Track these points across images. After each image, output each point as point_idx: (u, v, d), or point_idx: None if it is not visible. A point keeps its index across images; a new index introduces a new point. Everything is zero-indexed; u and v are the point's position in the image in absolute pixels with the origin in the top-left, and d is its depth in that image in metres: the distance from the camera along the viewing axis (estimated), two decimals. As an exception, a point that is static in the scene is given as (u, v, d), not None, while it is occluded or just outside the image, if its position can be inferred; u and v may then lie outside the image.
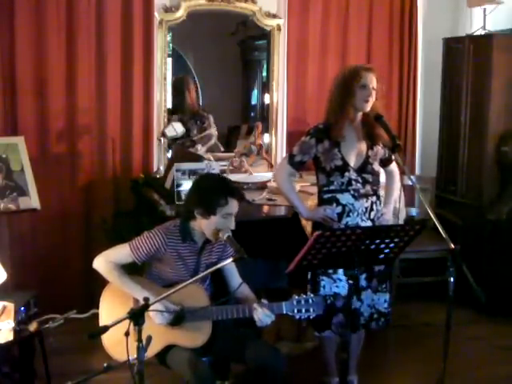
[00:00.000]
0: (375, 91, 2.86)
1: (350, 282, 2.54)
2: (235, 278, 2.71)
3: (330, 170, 2.92)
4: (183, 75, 4.73)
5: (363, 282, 2.96)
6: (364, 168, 2.94)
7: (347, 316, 2.88)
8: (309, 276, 3.00)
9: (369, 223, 2.96)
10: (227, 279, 2.72)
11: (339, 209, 2.93)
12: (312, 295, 2.52)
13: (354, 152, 2.93)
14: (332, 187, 2.94)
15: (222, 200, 2.49)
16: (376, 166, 2.99)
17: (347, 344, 2.44)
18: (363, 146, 2.94)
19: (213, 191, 2.52)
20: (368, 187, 2.96)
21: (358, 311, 2.94)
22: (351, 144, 2.92)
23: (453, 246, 2.23)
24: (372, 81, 2.86)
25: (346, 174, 2.91)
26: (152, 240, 2.56)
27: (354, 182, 2.92)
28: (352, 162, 2.92)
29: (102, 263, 2.57)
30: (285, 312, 2.48)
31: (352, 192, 2.92)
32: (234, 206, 2.53)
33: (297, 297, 2.50)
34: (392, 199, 3.14)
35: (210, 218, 2.51)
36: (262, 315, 2.45)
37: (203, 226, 2.55)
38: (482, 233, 4.27)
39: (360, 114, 2.92)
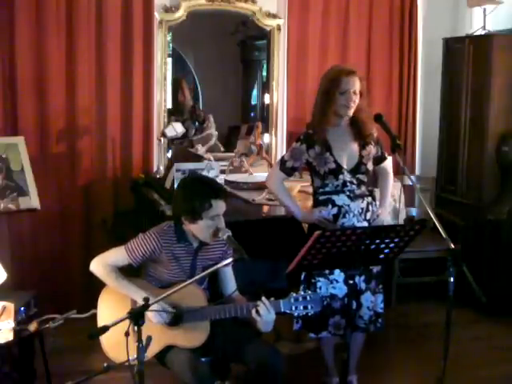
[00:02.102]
0: (356, 95, 2.84)
1: (350, 282, 2.55)
2: (231, 283, 2.71)
3: (324, 174, 2.92)
4: (180, 75, 4.72)
5: (362, 285, 2.96)
6: (358, 169, 2.94)
7: (346, 316, 2.90)
8: (302, 277, 2.99)
9: (365, 224, 2.96)
10: (223, 283, 2.71)
11: (335, 210, 2.93)
12: (310, 292, 2.51)
13: (346, 154, 2.92)
14: (327, 189, 2.94)
15: (205, 204, 2.48)
16: (370, 166, 2.99)
17: (347, 344, 2.45)
18: (355, 146, 2.94)
19: (194, 197, 2.50)
20: (363, 188, 2.96)
21: (353, 311, 2.93)
22: (342, 146, 2.92)
23: (453, 245, 2.23)
24: (353, 84, 2.84)
25: (341, 176, 2.91)
26: (147, 242, 2.56)
27: (348, 184, 2.92)
28: (345, 164, 2.92)
29: (99, 266, 2.57)
30: (282, 310, 2.45)
31: (347, 193, 2.93)
32: (219, 206, 2.52)
33: (294, 294, 2.48)
34: (387, 199, 3.14)
35: (198, 223, 2.51)
36: (265, 311, 2.41)
37: (193, 230, 2.55)
38: (482, 233, 4.26)
39: (346, 118, 2.92)
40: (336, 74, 2.87)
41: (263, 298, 2.44)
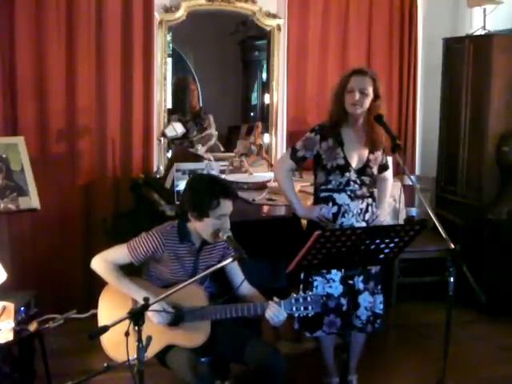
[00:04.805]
0: (365, 94, 2.84)
1: (350, 282, 2.55)
2: (238, 276, 2.70)
3: (331, 169, 2.92)
4: (184, 75, 4.73)
5: (360, 285, 2.97)
6: (364, 170, 2.95)
7: (342, 315, 2.90)
8: (301, 276, 3.00)
9: (363, 225, 2.96)
10: (231, 278, 2.71)
11: (335, 209, 2.94)
12: (310, 293, 2.52)
13: (355, 154, 2.94)
14: (330, 186, 2.95)
15: (213, 202, 2.49)
16: (375, 170, 3.01)
17: (347, 344, 2.45)
18: (365, 150, 2.96)
19: (204, 194, 2.51)
20: (364, 189, 2.97)
21: (350, 311, 2.93)
22: (354, 146, 2.94)
23: (453, 245, 2.23)
24: (362, 84, 2.85)
25: (346, 174, 2.92)
26: (149, 241, 2.56)
27: (352, 183, 2.93)
28: (354, 163, 2.93)
29: (101, 263, 2.56)
30: (283, 310, 2.48)
31: (349, 192, 2.93)
32: (226, 206, 2.52)
33: (295, 295, 2.49)
34: (385, 201, 3.17)
35: (204, 221, 2.51)
36: (274, 314, 2.43)
37: (198, 228, 2.55)
38: (482, 233, 4.26)
39: (358, 119, 2.92)
40: (346, 73, 2.92)
41: (270, 302, 2.47)
